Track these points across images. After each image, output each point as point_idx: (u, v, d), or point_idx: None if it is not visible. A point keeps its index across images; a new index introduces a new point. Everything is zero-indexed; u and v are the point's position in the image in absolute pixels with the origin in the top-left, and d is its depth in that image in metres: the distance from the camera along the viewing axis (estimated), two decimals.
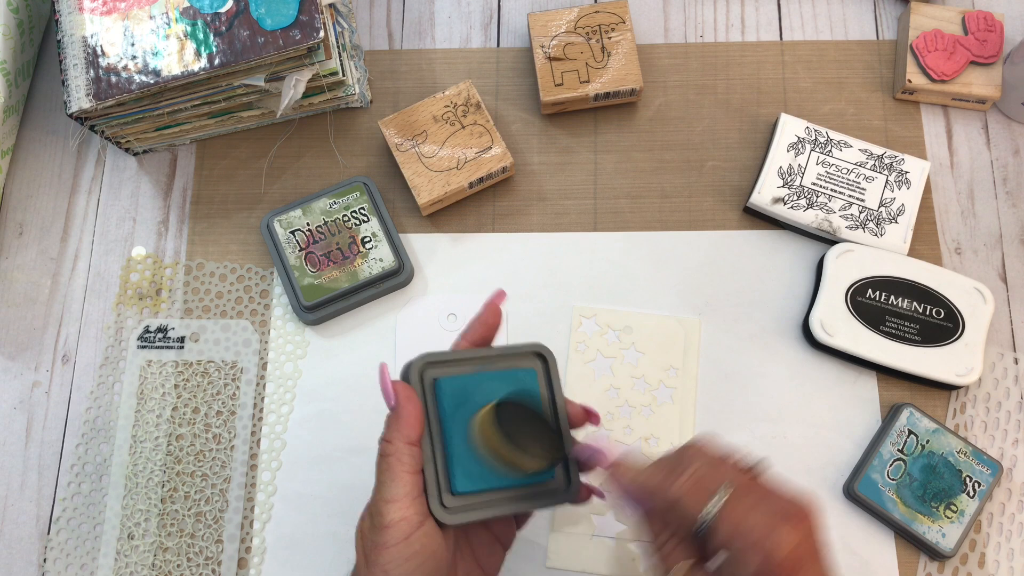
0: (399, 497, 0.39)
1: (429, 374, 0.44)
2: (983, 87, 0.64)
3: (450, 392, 0.43)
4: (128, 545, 0.58)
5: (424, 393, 0.43)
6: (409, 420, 0.40)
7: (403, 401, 0.41)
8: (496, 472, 0.43)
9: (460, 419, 0.43)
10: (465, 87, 0.64)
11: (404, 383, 0.42)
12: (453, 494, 0.42)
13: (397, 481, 0.40)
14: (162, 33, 0.57)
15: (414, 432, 0.41)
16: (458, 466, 0.42)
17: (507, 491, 0.43)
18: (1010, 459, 0.58)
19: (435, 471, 0.42)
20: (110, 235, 0.65)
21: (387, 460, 0.40)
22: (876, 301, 0.59)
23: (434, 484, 0.42)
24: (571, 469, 0.45)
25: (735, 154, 0.66)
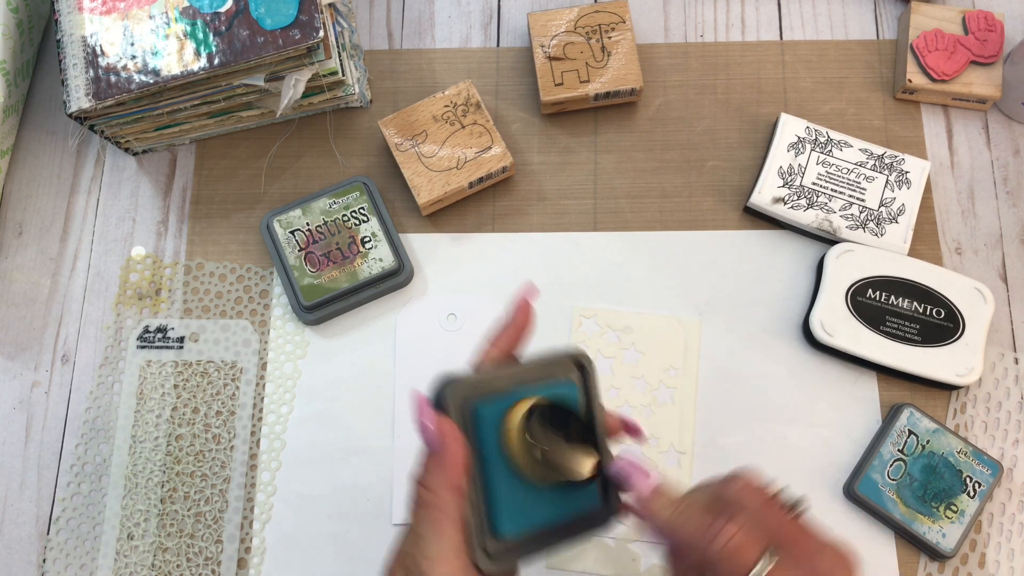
0: (445, 555, 0.35)
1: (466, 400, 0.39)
2: (983, 87, 0.64)
3: (488, 419, 0.38)
4: (128, 545, 0.58)
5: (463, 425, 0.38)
6: (456, 464, 0.36)
7: (450, 443, 0.36)
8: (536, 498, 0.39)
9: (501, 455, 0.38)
10: (465, 87, 0.64)
11: (448, 420, 0.37)
12: (496, 538, 0.38)
13: (442, 536, 0.35)
14: (162, 33, 0.57)
15: (461, 477, 0.36)
16: (502, 506, 0.38)
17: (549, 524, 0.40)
18: (1010, 459, 0.58)
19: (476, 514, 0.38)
20: (109, 235, 0.65)
21: (430, 512, 0.35)
22: (876, 301, 0.59)
23: (477, 528, 0.37)
24: (609, 487, 0.41)
25: (735, 154, 0.66)
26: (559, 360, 0.42)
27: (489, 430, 0.38)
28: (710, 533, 0.35)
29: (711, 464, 0.58)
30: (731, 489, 0.37)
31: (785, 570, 0.34)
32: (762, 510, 0.36)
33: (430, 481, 0.36)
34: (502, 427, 0.38)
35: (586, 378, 0.42)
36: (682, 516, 0.37)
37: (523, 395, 0.39)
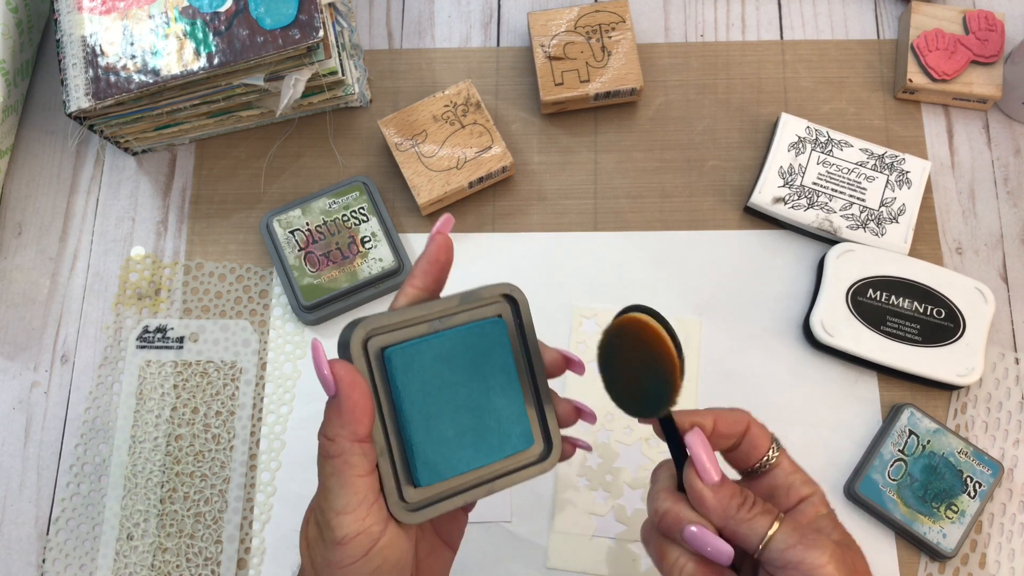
0: (353, 507, 0.33)
1: (374, 343, 0.35)
2: (984, 86, 0.64)
3: (402, 363, 0.35)
4: (127, 546, 0.57)
5: (371, 369, 0.35)
6: (355, 412, 0.33)
7: (346, 388, 0.33)
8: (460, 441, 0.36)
9: (417, 393, 0.35)
10: (465, 87, 0.63)
11: (345, 363, 0.34)
12: (415, 487, 0.36)
13: (348, 488, 0.33)
14: (161, 32, 0.57)
15: (363, 426, 0.33)
16: (419, 454, 0.35)
17: (477, 471, 0.37)
18: (1011, 459, 0.58)
19: (391, 463, 0.35)
20: (109, 235, 0.65)
21: (332, 463, 0.33)
22: (877, 301, 0.59)
23: (392, 479, 0.35)
24: (551, 427, 0.39)
25: (735, 154, 0.65)
26: (481, 293, 0.38)
27: (402, 372, 0.35)
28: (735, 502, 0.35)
29: None
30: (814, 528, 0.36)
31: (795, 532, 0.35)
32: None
33: (331, 430, 0.33)
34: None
35: (518, 312, 0.39)
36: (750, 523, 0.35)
37: (442, 335, 0.36)
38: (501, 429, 0.37)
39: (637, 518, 0.57)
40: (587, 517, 0.57)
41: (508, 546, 0.57)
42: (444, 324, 0.37)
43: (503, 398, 0.38)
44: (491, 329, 0.38)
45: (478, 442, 0.37)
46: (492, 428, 0.37)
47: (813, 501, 0.37)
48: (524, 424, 0.38)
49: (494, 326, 0.38)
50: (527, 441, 0.38)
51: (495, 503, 0.57)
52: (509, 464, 0.38)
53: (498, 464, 0.38)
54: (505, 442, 0.38)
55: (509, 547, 0.57)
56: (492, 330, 0.38)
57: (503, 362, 0.38)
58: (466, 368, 0.37)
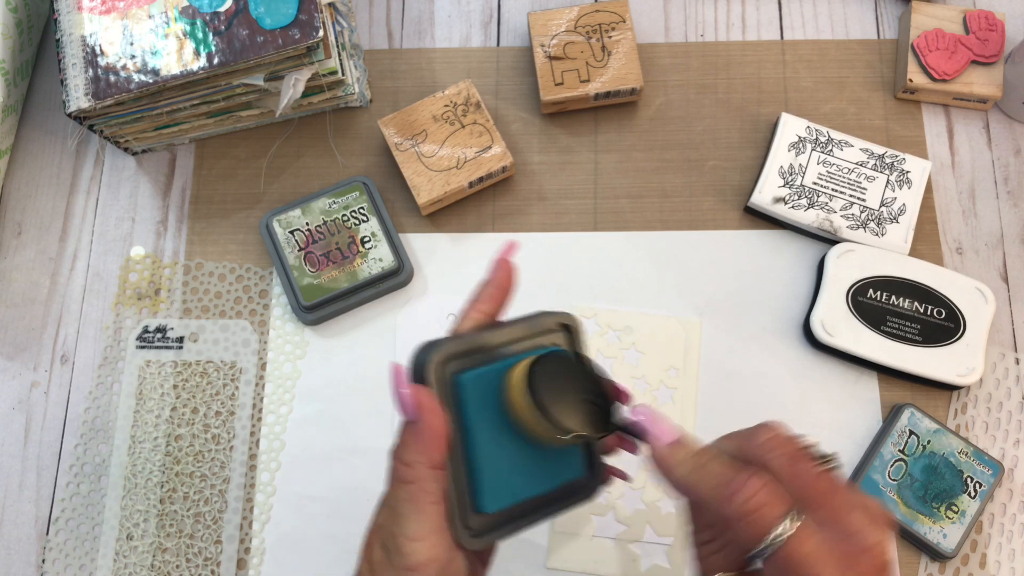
0: (426, 534, 0.33)
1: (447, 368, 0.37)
2: (984, 86, 0.64)
3: (473, 390, 0.36)
4: (127, 546, 0.57)
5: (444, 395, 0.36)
6: (435, 439, 0.34)
7: (428, 415, 0.34)
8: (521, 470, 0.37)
9: (485, 420, 0.36)
10: (465, 86, 0.63)
11: (426, 390, 0.35)
12: (479, 513, 0.36)
13: (423, 515, 0.33)
14: (161, 32, 0.57)
15: (440, 453, 0.34)
16: (485, 480, 0.36)
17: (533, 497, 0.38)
18: (1011, 459, 0.58)
19: (456, 489, 0.36)
20: (109, 235, 0.65)
21: (408, 488, 0.33)
22: (877, 301, 0.59)
23: (458, 505, 0.36)
24: (594, 455, 0.40)
25: (736, 154, 0.65)
26: (543, 321, 0.39)
27: (471, 398, 0.36)
28: (729, 489, 0.32)
29: None
30: (757, 441, 0.34)
31: (811, 531, 0.31)
32: (789, 465, 0.33)
33: (408, 456, 0.34)
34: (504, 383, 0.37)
35: (573, 340, 0.40)
36: (702, 470, 0.34)
37: (507, 361, 0.37)
38: (557, 458, 0.38)
39: (637, 518, 0.57)
40: (587, 517, 0.57)
41: (508, 546, 0.57)
42: (508, 351, 0.38)
43: None
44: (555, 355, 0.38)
45: (537, 471, 0.38)
46: (549, 457, 0.38)
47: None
48: (576, 454, 0.39)
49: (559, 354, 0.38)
50: (578, 471, 0.39)
51: None
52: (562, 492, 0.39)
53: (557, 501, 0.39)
54: (561, 471, 0.39)
55: (509, 547, 0.57)
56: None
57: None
58: None
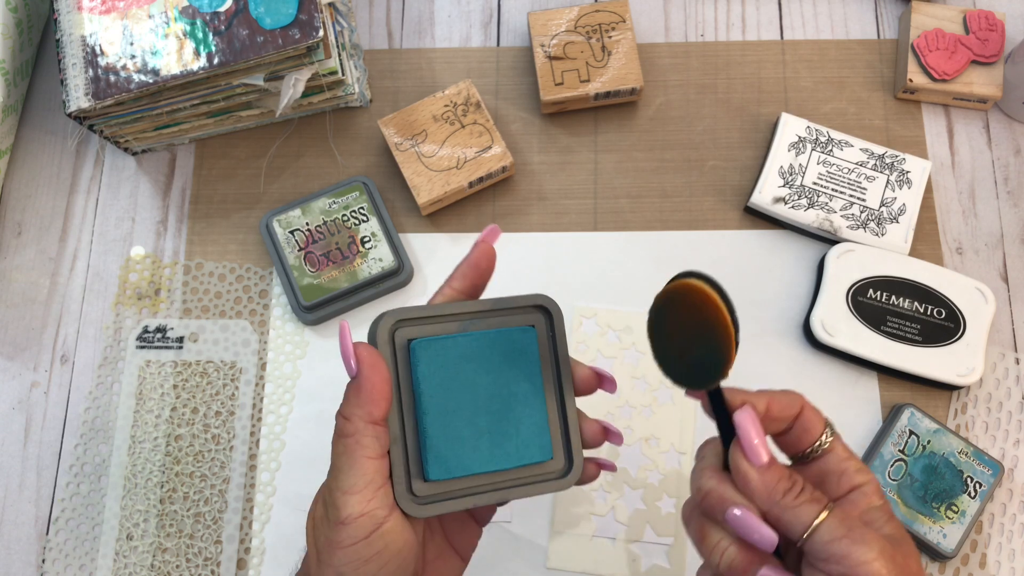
0: (359, 488, 0.33)
1: (402, 334, 0.36)
2: (984, 86, 0.64)
3: (426, 356, 0.36)
4: (127, 546, 0.57)
5: (395, 358, 0.36)
6: (373, 394, 0.34)
7: (367, 370, 0.34)
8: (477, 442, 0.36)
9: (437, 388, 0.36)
10: (465, 86, 0.63)
11: (368, 346, 0.34)
12: (426, 481, 0.36)
13: (356, 468, 0.33)
14: (161, 32, 0.57)
15: (379, 409, 0.34)
16: (433, 448, 0.35)
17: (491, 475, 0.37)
18: (1011, 459, 0.58)
19: (404, 453, 0.35)
20: (109, 235, 0.65)
21: (344, 442, 0.34)
22: (877, 301, 0.59)
23: (402, 468, 0.35)
24: (573, 445, 0.38)
25: (736, 153, 0.65)
26: (519, 305, 0.38)
27: (425, 365, 0.35)
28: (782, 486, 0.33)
29: None
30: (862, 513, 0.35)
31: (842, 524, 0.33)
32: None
33: (347, 410, 0.34)
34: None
35: (552, 325, 0.38)
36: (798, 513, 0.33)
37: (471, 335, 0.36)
38: (520, 438, 0.37)
39: (637, 518, 0.57)
40: (587, 517, 0.57)
41: (508, 546, 0.57)
42: (475, 326, 0.37)
43: (525, 407, 0.37)
44: (521, 336, 0.37)
45: (494, 447, 0.36)
46: (510, 435, 0.37)
47: (866, 491, 0.35)
48: (544, 437, 0.38)
49: (524, 334, 0.37)
50: (545, 454, 0.37)
51: None
52: (525, 475, 0.37)
53: (514, 473, 0.37)
54: (523, 451, 0.37)
55: (509, 547, 0.57)
56: (522, 338, 0.37)
57: (529, 372, 0.37)
58: (491, 371, 0.37)
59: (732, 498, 0.34)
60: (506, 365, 0.37)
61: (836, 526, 0.33)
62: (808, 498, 0.34)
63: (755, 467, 0.34)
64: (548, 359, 0.38)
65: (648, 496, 0.57)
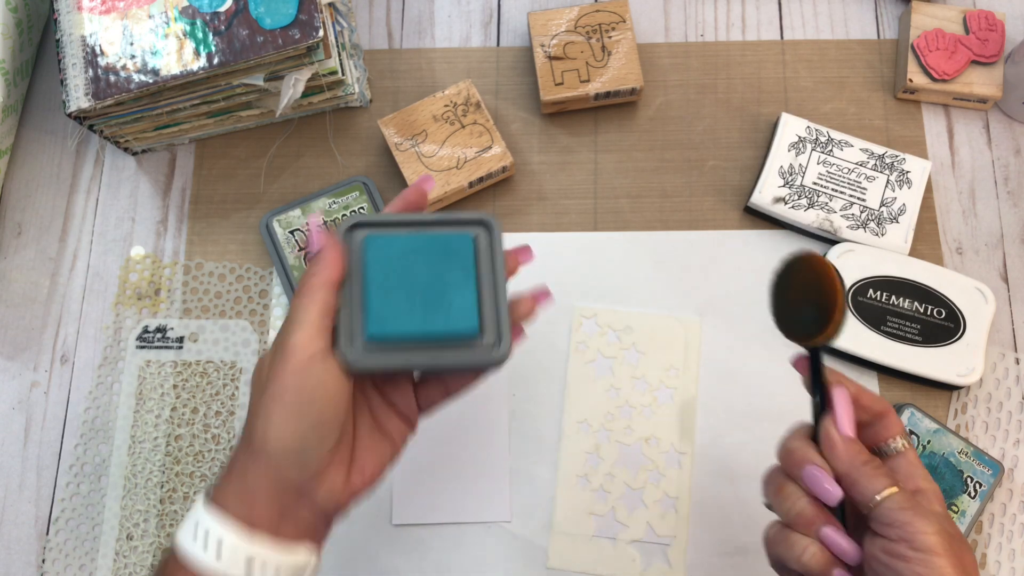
0: (306, 325, 0.38)
1: (359, 234, 0.43)
2: (984, 86, 0.64)
3: (375, 246, 0.42)
4: (127, 546, 0.57)
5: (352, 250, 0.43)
6: (327, 261, 0.40)
7: (328, 247, 0.40)
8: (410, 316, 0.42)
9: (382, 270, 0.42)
10: (465, 86, 0.63)
11: (330, 234, 0.42)
12: (365, 340, 0.41)
13: (306, 312, 0.38)
14: (161, 32, 0.57)
15: (333, 272, 0.40)
16: (373, 312, 0.41)
17: (427, 344, 0.42)
18: (1011, 459, 0.58)
19: (349, 320, 0.41)
20: (109, 235, 0.65)
21: (302, 297, 0.39)
22: (877, 301, 0.59)
23: (347, 329, 0.41)
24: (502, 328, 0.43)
25: (736, 153, 0.65)
26: (463, 219, 0.44)
27: (376, 253, 0.42)
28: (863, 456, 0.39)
29: (712, 464, 0.58)
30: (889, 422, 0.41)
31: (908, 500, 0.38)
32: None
33: (308, 274, 0.40)
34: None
35: (491, 236, 0.44)
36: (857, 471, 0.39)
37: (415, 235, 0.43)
38: (451, 313, 0.42)
39: (637, 518, 0.57)
40: (587, 517, 0.57)
41: (508, 546, 0.57)
42: (420, 230, 0.44)
43: (457, 291, 0.43)
44: (459, 241, 0.43)
45: (427, 316, 0.42)
46: (443, 310, 0.42)
47: (929, 496, 0.39)
48: (473, 314, 0.42)
49: (462, 240, 0.43)
50: (473, 327, 0.42)
51: (495, 503, 0.57)
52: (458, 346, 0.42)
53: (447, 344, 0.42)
54: (452, 323, 0.42)
55: (509, 547, 0.57)
56: (460, 242, 0.43)
57: (464, 267, 0.43)
58: (430, 264, 0.43)
59: (812, 458, 0.40)
60: (444, 261, 0.43)
61: (903, 499, 0.37)
62: (883, 472, 0.39)
63: (842, 436, 0.39)
64: (485, 261, 0.44)
65: (648, 496, 0.57)
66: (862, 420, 0.42)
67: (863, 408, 0.42)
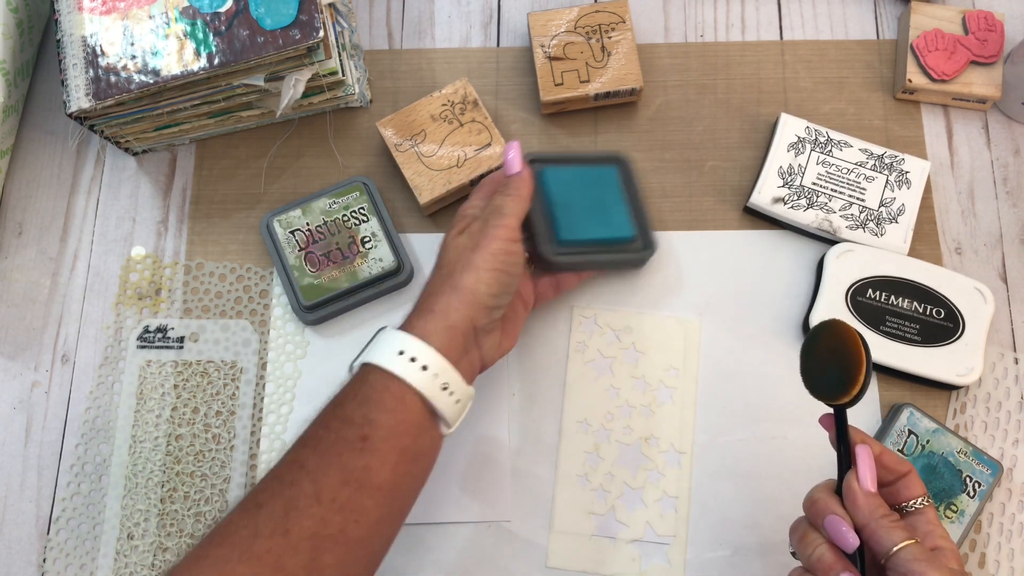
0: (513, 216, 0.50)
1: (536, 167, 0.57)
2: (983, 87, 0.64)
3: (552, 178, 0.57)
4: (128, 545, 0.58)
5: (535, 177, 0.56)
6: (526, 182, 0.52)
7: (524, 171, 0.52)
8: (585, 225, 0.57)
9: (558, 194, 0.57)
10: (462, 85, 0.64)
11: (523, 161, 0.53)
12: (557, 242, 0.56)
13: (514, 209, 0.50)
14: (161, 33, 0.57)
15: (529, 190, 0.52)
16: (559, 223, 0.56)
17: (596, 247, 0.57)
18: (1010, 459, 0.58)
19: (544, 227, 0.55)
20: (109, 235, 0.65)
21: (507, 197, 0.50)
22: (876, 301, 0.59)
23: (542, 234, 0.55)
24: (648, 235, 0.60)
25: (735, 154, 0.66)
26: (604, 154, 0.62)
27: (550, 181, 0.57)
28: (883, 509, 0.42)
29: (712, 464, 0.58)
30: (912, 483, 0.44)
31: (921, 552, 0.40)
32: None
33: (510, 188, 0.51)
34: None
35: (628, 169, 0.61)
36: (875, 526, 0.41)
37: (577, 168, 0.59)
38: (612, 224, 0.58)
39: (637, 517, 0.57)
40: (587, 517, 0.57)
41: (508, 546, 0.57)
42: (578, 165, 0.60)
43: (613, 209, 0.59)
44: (606, 172, 0.60)
45: (598, 226, 0.58)
46: (605, 222, 0.58)
47: (946, 554, 0.42)
48: (628, 226, 0.59)
49: (608, 171, 0.60)
50: (630, 233, 0.59)
51: (495, 502, 0.57)
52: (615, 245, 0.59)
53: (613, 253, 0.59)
54: (616, 230, 0.58)
55: (509, 547, 0.57)
56: (607, 173, 0.60)
57: (613, 192, 0.59)
58: (590, 188, 0.59)
59: (834, 508, 0.43)
60: (599, 187, 0.59)
61: (919, 551, 0.40)
62: (901, 526, 0.41)
63: (863, 490, 0.42)
64: (627, 186, 0.60)
65: (648, 495, 0.57)
66: (885, 479, 0.44)
67: (887, 468, 0.44)
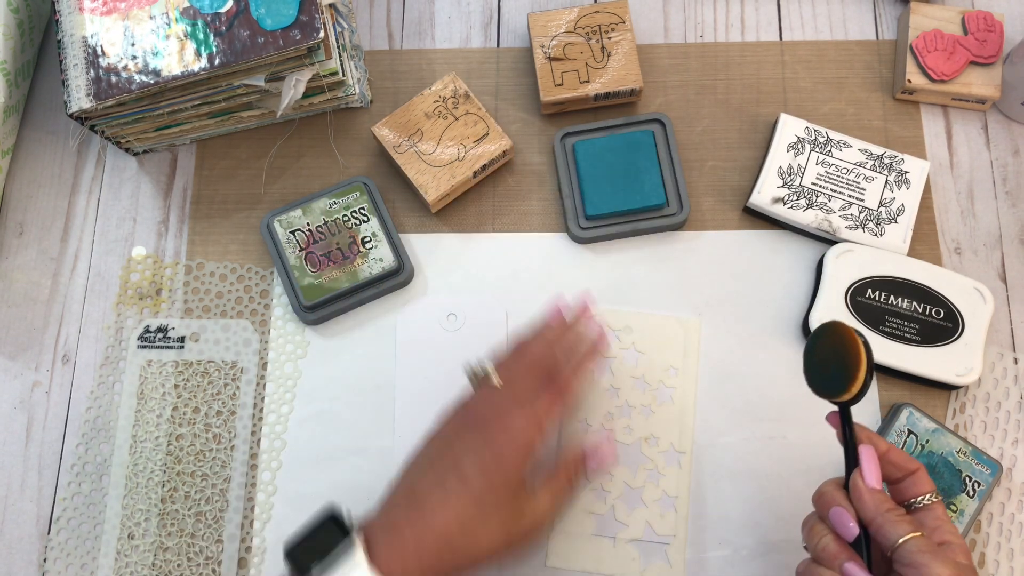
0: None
1: (569, 141, 0.63)
2: (983, 87, 0.64)
3: (583, 150, 0.61)
4: (128, 545, 0.58)
5: (564, 154, 0.63)
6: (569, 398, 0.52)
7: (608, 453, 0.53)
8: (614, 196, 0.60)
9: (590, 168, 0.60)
10: (450, 79, 0.64)
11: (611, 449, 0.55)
12: (586, 219, 0.61)
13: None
14: (162, 33, 0.57)
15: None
16: (588, 196, 0.60)
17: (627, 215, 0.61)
18: (1010, 459, 0.58)
19: (573, 204, 0.61)
20: (110, 235, 0.65)
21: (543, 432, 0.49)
22: (876, 301, 0.59)
23: (571, 211, 0.60)
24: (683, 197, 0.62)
25: (735, 154, 0.66)
26: (642, 117, 0.63)
27: (584, 156, 0.61)
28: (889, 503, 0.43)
29: (711, 464, 0.58)
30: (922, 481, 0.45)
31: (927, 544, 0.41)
32: None
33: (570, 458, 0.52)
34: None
35: (665, 129, 0.63)
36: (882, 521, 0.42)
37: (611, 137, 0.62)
38: (643, 191, 0.60)
39: (637, 517, 0.57)
40: (587, 516, 0.57)
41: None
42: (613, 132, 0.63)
43: (646, 175, 0.61)
44: (642, 136, 0.62)
45: (627, 195, 0.60)
46: (637, 188, 0.60)
47: (954, 548, 0.42)
48: (660, 192, 0.61)
49: (644, 135, 0.62)
50: (661, 199, 0.60)
51: None
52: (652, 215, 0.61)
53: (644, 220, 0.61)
54: (646, 198, 0.60)
55: None
56: (643, 137, 0.62)
57: (648, 156, 0.61)
58: (623, 156, 0.61)
59: (839, 501, 0.44)
60: (633, 152, 0.61)
61: (924, 543, 0.41)
62: (907, 520, 0.42)
63: (867, 486, 0.43)
64: (663, 148, 0.62)
65: (647, 495, 0.57)
66: (894, 476, 0.45)
67: (895, 465, 0.45)
